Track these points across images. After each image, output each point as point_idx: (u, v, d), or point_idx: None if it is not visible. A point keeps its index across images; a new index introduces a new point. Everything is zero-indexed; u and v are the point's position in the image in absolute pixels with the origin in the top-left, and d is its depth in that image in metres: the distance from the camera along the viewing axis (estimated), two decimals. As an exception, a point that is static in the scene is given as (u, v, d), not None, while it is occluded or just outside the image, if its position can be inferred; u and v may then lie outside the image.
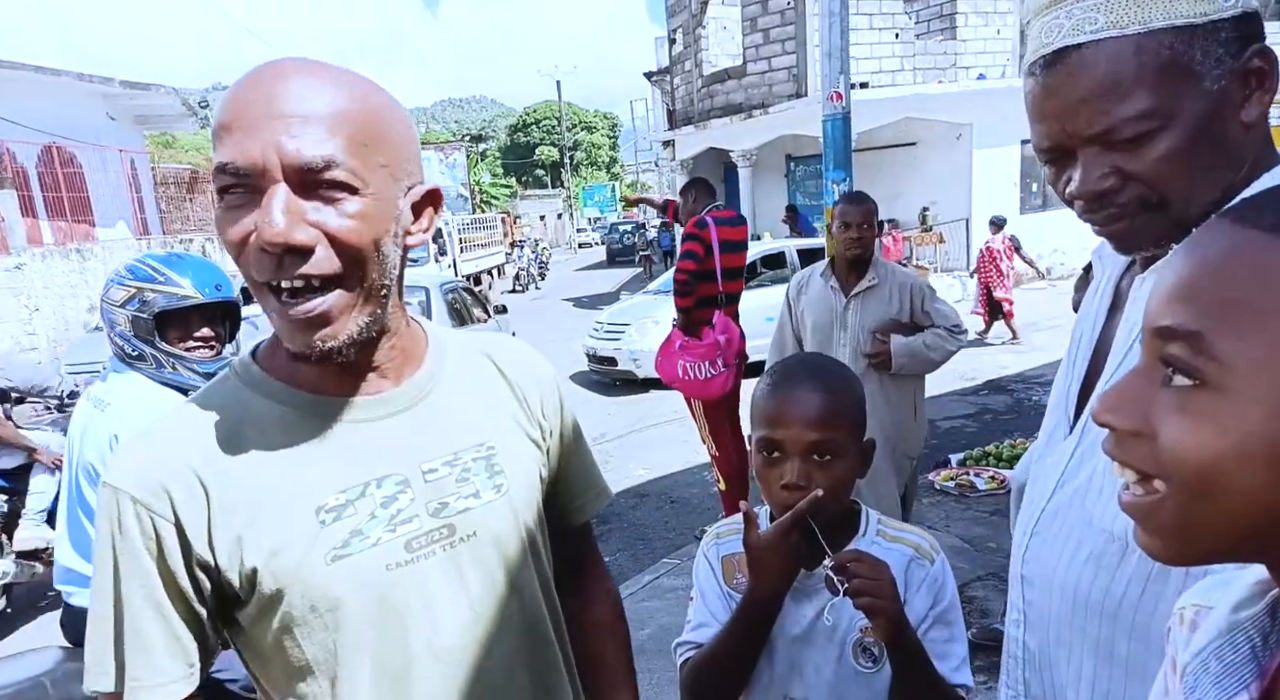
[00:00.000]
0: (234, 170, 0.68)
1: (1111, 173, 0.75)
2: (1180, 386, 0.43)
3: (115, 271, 1.93)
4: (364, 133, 0.72)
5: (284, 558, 0.74)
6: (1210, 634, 0.52)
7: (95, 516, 0.78)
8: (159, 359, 1.89)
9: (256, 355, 0.84)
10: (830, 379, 1.07)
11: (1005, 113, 12.71)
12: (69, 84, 12.26)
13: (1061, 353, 3.34)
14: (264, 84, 0.70)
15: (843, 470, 1.04)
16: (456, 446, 0.85)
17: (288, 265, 0.70)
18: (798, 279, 3.09)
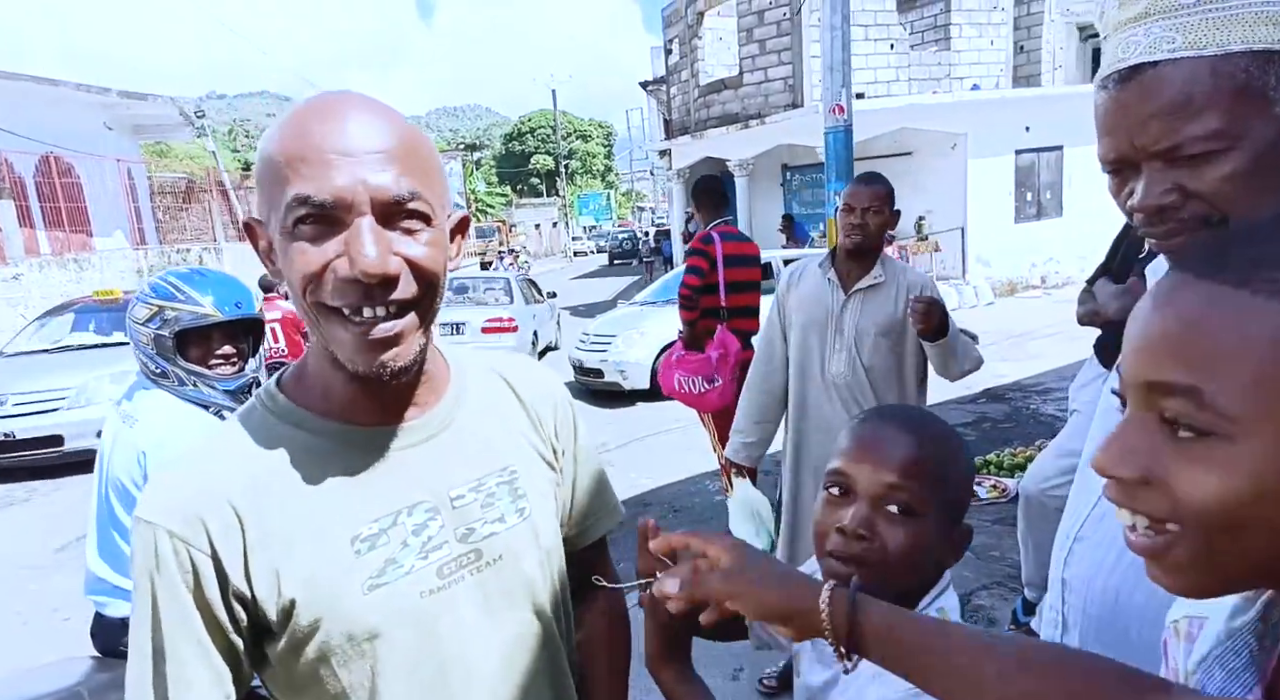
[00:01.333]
0: (318, 204, 0.70)
1: (1174, 189, 0.75)
2: (1186, 437, 0.46)
3: (140, 289, 1.95)
4: (427, 165, 0.77)
5: (321, 588, 0.75)
6: (1210, 642, 0.54)
7: (131, 550, 0.78)
8: (181, 377, 1.91)
9: (282, 385, 0.84)
10: (932, 430, 0.91)
11: (999, 123, 12.83)
12: (67, 94, 12.26)
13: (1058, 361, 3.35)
14: (335, 119, 0.72)
15: (916, 534, 0.86)
16: (481, 472, 0.87)
17: (377, 294, 0.73)
18: (790, 271, 2.70)
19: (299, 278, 0.73)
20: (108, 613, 1.89)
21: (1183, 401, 0.45)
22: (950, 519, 0.90)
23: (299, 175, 0.71)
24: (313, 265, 0.72)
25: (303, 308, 0.76)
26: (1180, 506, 0.46)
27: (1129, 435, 0.49)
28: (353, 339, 0.74)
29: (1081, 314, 2.62)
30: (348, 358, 0.76)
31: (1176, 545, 0.48)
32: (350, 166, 0.71)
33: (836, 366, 2.48)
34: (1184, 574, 0.48)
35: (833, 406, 2.50)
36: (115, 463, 1.86)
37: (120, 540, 1.87)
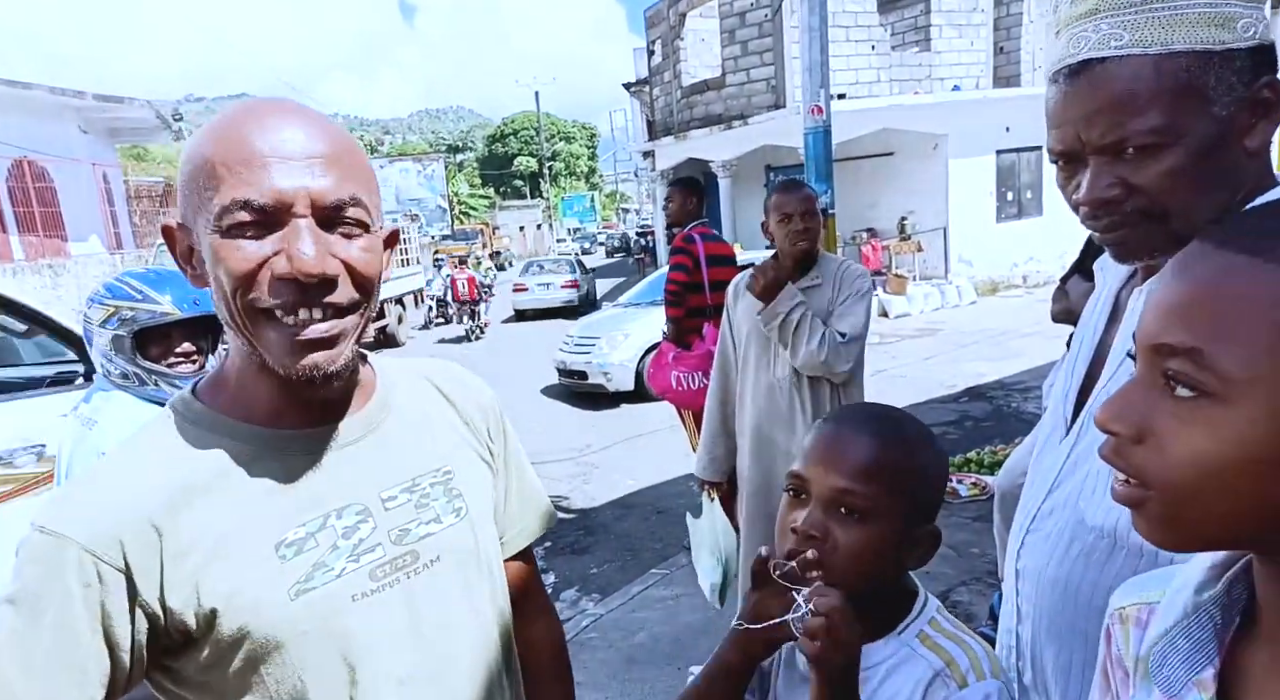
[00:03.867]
0: (257, 206, 0.70)
1: (1117, 183, 0.79)
2: (1182, 397, 0.48)
3: (95, 291, 1.91)
4: (366, 175, 0.77)
5: (245, 597, 0.73)
6: (1175, 616, 0.56)
7: (19, 563, 0.71)
8: (141, 376, 1.88)
9: (197, 393, 0.82)
10: (893, 429, 0.89)
11: (980, 123, 12.94)
12: (40, 97, 12.09)
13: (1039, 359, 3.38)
14: (273, 124, 0.72)
15: (870, 538, 0.84)
16: (414, 472, 0.85)
17: (313, 295, 0.72)
18: (736, 282, 2.70)
19: (231, 278, 0.71)
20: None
21: (1183, 361, 0.47)
22: (913, 519, 0.87)
23: (237, 178, 0.69)
24: (248, 263, 0.70)
25: (230, 311, 0.73)
26: (1167, 465, 0.48)
27: (1131, 393, 0.51)
28: (285, 341, 0.73)
29: (1055, 311, 2.64)
30: (279, 361, 0.73)
31: (1154, 501, 0.50)
32: (290, 170, 0.70)
33: (781, 369, 2.50)
34: (1162, 527, 0.51)
35: (781, 411, 2.52)
36: (76, 467, 1.82)
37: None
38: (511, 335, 14.72)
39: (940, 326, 11.15)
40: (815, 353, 2.35)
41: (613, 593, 3.77)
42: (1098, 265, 1.00)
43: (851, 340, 2.40)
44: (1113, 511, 0.80)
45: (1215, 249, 0.48)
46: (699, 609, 3.30)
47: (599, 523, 4.93)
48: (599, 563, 4.33)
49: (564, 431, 7.20)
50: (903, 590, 0.90)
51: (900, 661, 0.84)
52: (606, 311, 10.08)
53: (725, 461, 2.76)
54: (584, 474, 5.91)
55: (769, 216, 2.55)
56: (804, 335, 2.36)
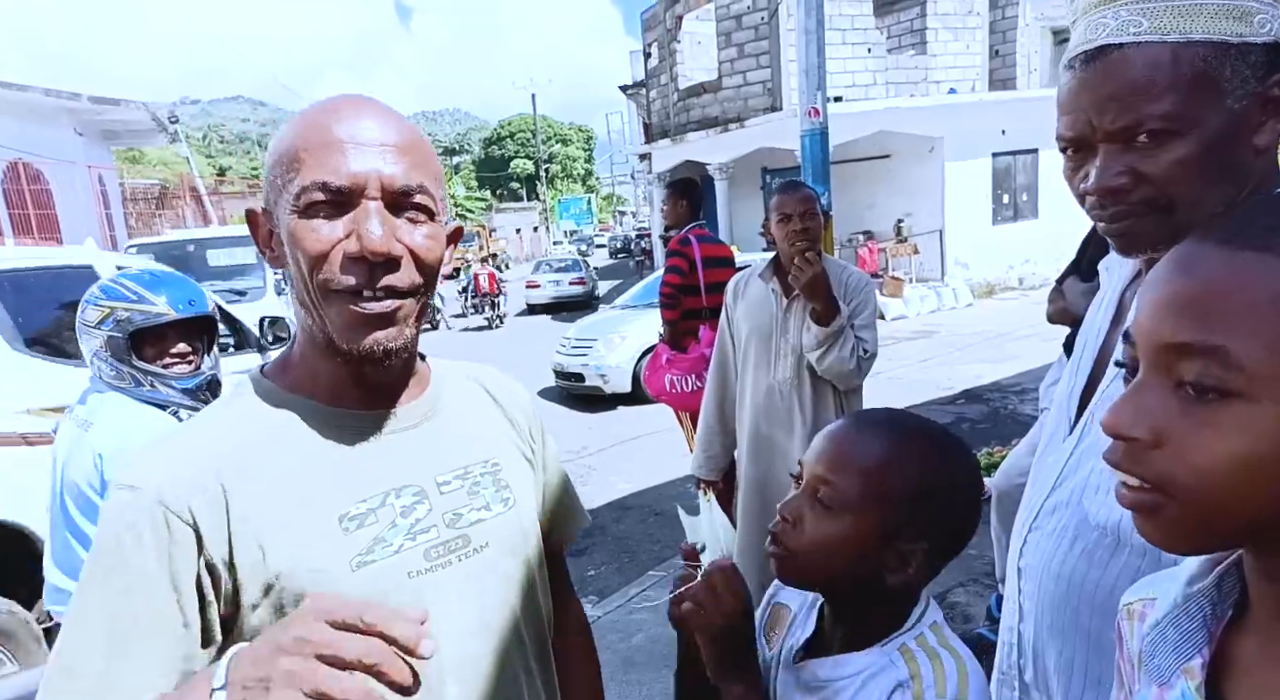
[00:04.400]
0: (333, 187, 0.74)
1: (1126, 171, 0.79)
2: (1206, 399, 0.46)
3: (89, 292, 1.90)
4: (435, 169, 0.82)
5: (307, 564, 0.75)
6: (1167, 606, 0.57)
7: (101, 516, 0.76)
8: (137, 377, 1.87)
9: (265, 373, 0.86)
10: (891, 433, 0.86)
11: (976, 126, 12.97)
12: (35, 99, 12.05)
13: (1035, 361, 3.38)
14: (352, 114, 0.77)
15: (835, 531, 0.83)
16: (465, 461, 0.89)
17: (378, 274, 0.76)
18: (735, 282, 2.71)
19: (307, 257, 0.76)
20: (64, 624, 1.85)
21: (1207, 362, 0.46)
22: (899, 530, 0.82)
23: (316, 161, 0.75)
24: (322, 244, 0.75)
25: (305, 289, 0.77)
26: (1188, 471, 0.47)
27: (1143, 397, 0.50)
28: (350, 316, 0.77)
29: (1051, 312, 2.64)
30: (343, 337, 0.78)
31: (1170, 506, 0.49)
32: (364, 155, 0.75)
33: (782, 372, 2.51)
34: (1172, 532, 0.50)
35: (780, 412, 2.52)
36: (71, 468, 1.82)
37: (79, 548, 1.82)
38: (525, 325, 16.26)
39: (936, 329, 11.17)
40: (846, 361, 2.37)
41: (611, 594, 3.77)
42: (1103, 265, 1.00)
43: (874, 355, 2.45)
44: (1116, 509, 0.80)
45: (1222, 247, 0.47)
46: (696, 611, 3.29)
47: (596, 525, 4.93)
48: (596, 565, 4.33)
49: (561, 433, 7.19)
50: (904, 602, 0.87)
51: (876, 672, 0.82)
52: (603, 314, 10.08)
53: (722, 459, 2.76)
54: (581, 476, 5.90)
55: (770, 217, 2.55)
56: (837, 345, 2.37)
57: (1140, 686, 0.60)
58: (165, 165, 24.88)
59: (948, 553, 0.85)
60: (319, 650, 0.55)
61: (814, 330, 2.36)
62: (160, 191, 16.28)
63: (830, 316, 2.35)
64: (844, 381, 2.45)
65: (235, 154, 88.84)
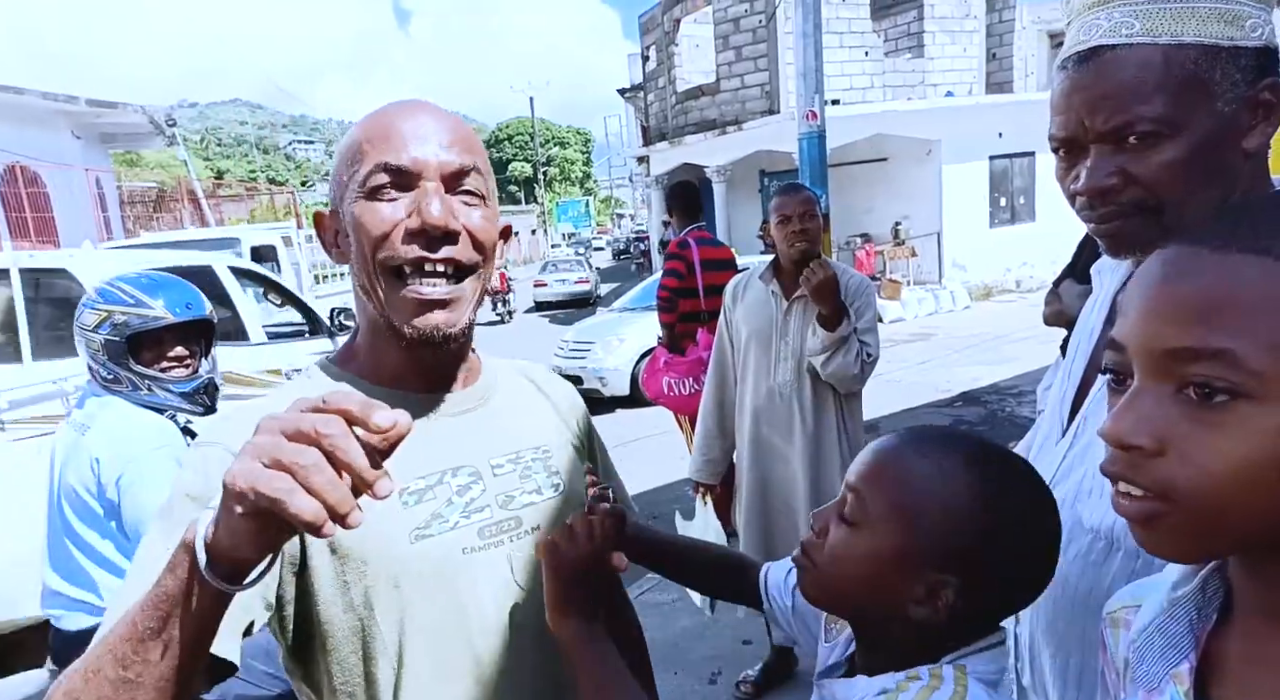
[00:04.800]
0: (394, 167, 0.80)
1: (1117, 172, 0.79)
2: (1213, 402, 0.46)
3: (86, 296, 1.90)
4: (485, 162, 0.88)
5: (369, 532, 0.75)
6: (1152, 612, 0.56)
7: (179, 473, 0.79)
8: (134, 381, 1.87)
9: (332, 359, 0.92)
10: (927, 445, 0.78)
11: (973, 129, 13.00)
12: (33, 102, 12.04)
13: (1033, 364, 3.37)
14: (412, 111, 0.84)
15: (852, 544, 0.77)
16: (517, 447, 0.93)
17: (438, 247, 0.81)
18: (734, 284, 2.69)
19: (370, 237, 0.81)
20: (63, 626, 1.84)
21: (1213, 365, 0.46)
22: (924, 559, 0.74)
23: (380, 149, 0.81)
24: (384, 224, 0.80)
25: (367, 271, 0.82)
26: (1196, 477, 0.47)
27: (1142, 404, 0.49)
28: (409, 299, 0.81)
29: (1048, 315, 2.64)
30: (404, 320, 0.82)
31: (1173, 514, 0.48)
32: (423, 142, 0.82)
33: (782, 374, 2.50)
34: (1175, 540, 0.49)
35: (780, 415, 2.52)
36: (68, 471, 1.82)
37: (76, 551, 1.82)
38: (532, 322, 17.40)
39: (934, 331, 11.18)
40: (851, 366, 2.37)
41: (608, 598, 3.76)
42: (1095, 268, 1.00)
43: (875, 359, 2.44)
44: (1109, 513, 0.80)
45: (1218, 251, 0.47)
46: (694, 613, 3.29)
47: (594, 528, 4.91)
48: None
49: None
50: (938, 644, 0.76)
51: (875, 693, 0.76)
52: (602, 316, 10.07)
53: (720, 463, 2.75)
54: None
55: (769, 219, 2.55)
56: (843, 350, 2.37)
57: (1126, 694, 0.59)
58: (163, 168, 24.85)
59: (994, 598, 0.75)
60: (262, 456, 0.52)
61: (821, 335, 2.36)
62: (158, 194, 16.26)
63: (838, 321, 2.35)
64: (846, 385, 2.44)
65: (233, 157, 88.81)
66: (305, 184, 68.23)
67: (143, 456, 1.77)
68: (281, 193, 25.03)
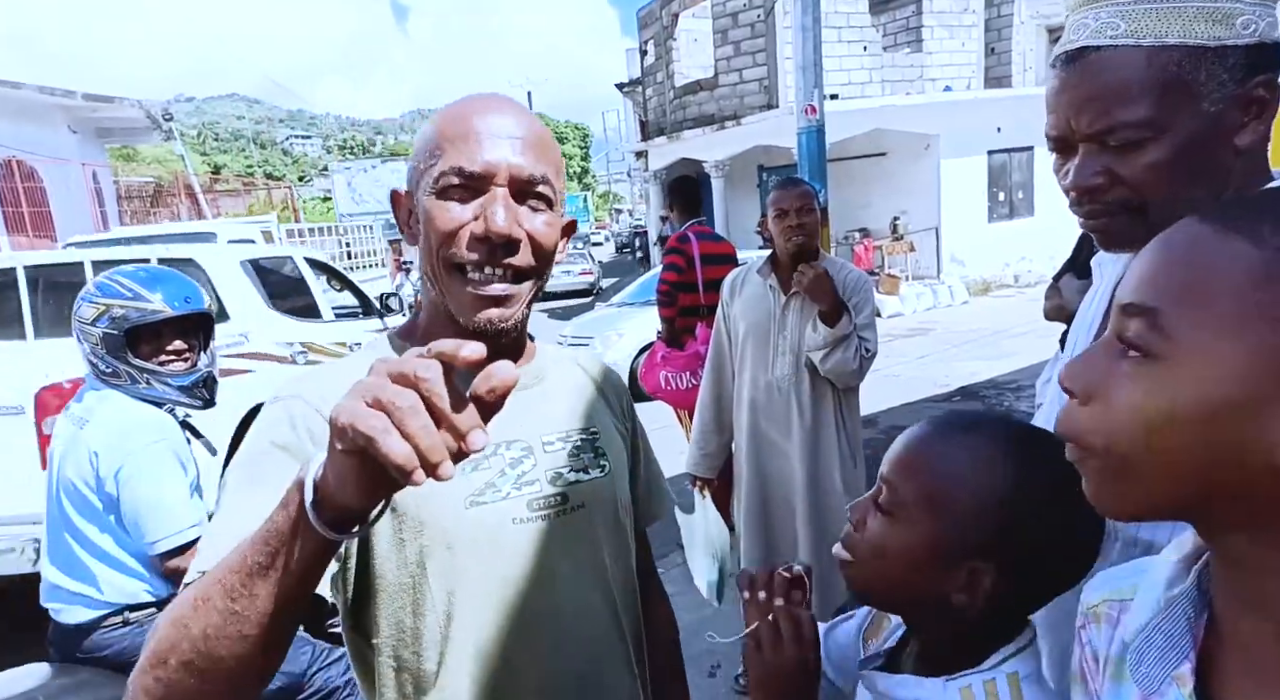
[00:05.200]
0: (468, 173, 0.83)
1: (1103, 172, 0.79)
2: (1133, 357, 0.49)
3: (85, 289, 1.90)
4: (558, 164, 0.90)
5: (429, 493, 0.79)
6: (1148, 612, 0.56)
7: (256, 426, 0.82)
8: (133, 375, 1.87)
9: (396, 335, 0.96)
10: (959, 431, 0.77)
11: (971, 124, 12.98)
12: (29, 96, 11.99)
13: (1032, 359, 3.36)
14: (491, 108, 0.86)
15: (890, 536, 0.76)
16: (567, 426, 0.96)
17: (498, 254, 0.84)
18: (732, 278, 2.68)
19: (437, 234, 0.84)
20: (63, 619, 1.85)
21: (1140, 322, 0.48)
22: (964, 545, 0.73)
23: (454, 150, 0.83)
24: (452, 223, 0.84)
25: (431, 263, 0.86)
26: (1107, 420, 0.50)
27: (1092, 354, 0.52)
28: (470, 296, 0.85)
29: (1048, 309, 2.64)
30: (460, 312, 0.86)
31: (1091, 460, 0.51)
32: (497, 146, 0.84)
33: (781, 369, 2.50)
34: (1102, 491, 0.52)
35: (779, 410, 2.51)
36: (68, 465, 1.82)
37: (75, 545, 1.82)
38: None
39: (933, 326, 11.18)
40: (850, 362, 2.37)
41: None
42: (1096, 261, 1.00)
43: (874, 354, 2.45)
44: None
45: (1196, 223, 0.49)
46: (695, 608, 3.30)
47: (593, 522, 4.92)
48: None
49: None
50: (990, 634, 0.77)
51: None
52: (600, 311, 10.05)
53: (717, 457, 2.75)
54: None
55: (767, 213, 2.55)
56: (842, 347, 2.37)
57: (1107, 694, 0.59)
58: (160, 163, 24.78)
59: (1032, 584, 0.75)
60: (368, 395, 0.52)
61: (822, 331, 2.36)
62: (155, 189, 16.21)
63: (837, 317, 2.34)
64: (845, 381, 2.44)
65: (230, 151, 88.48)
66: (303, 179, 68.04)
67: (141, 450, 1.77)
68: (279, 187, 24.98)
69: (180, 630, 0.60)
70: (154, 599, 1.82)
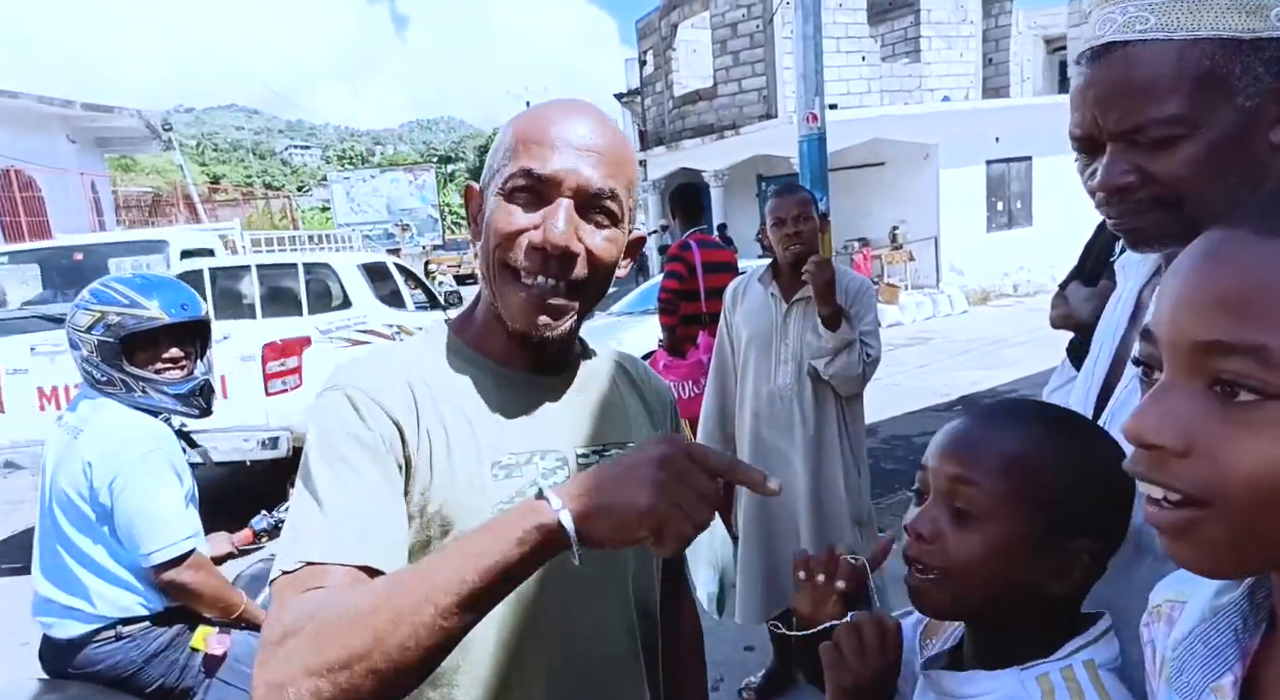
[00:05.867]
0: (536, 176, 0.82)
1: (1133, 170, 0.76)
2: (1244, 402, 0.42)
3: (80, 296, 1.87)
4: (631, 179, 0.89)
5: (461, 496, 0.82)
6: (1194, 620, 0.53)
7: (312, 420, 0.82)
8: (128, 383, 1.83)
9: (450, 325, 0.96)
10: (1027, 421, 0.75)
11: (970, 133, 13.02)
12: (28, 106, 12.01)
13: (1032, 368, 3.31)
14: (570, 116, 0.85)
15: (986, 539, 0.71)
16: (604, 439, 0.95)
17: (554, 267, 0.83)
18: (734, 287, 2.68)
19: (497, 234, 0.84)
20: (54, 634, 1.80)
21: (1245, 361, 0.42)
22: (1055, 529, 0.72)
23: (530, 151, 0.83)
24: (513, 226, 0.83)
25: (488, 263, 0.86)
26: (1225, 479, 0.43)
27: (1170, 400, 0.46)
28: (521, 300, 0.85)
29: (1055, 317, 2.60)
30: (511, 315, 0.86)
31: (1209, 522, 0.44)
32: (569, 155, 0.83)
33: (783, 377, 2.47)
34: (1210, 552, 0.46)
35: (782, 419, 2.49)
36: (61, 476, 1.78)
37: (68, 558, 1.78)
38: None
39: (932, 335, 11.17)
40: (854, 367, 2.34)
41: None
42: (1119, 264, 0.97)
43: (877, 360, 2.42)
44: (1137, 514, 0.76)
45: (1259, 236, 0.43)
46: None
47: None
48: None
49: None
50: (1061, 621, 0.74)
51: (1005, 698, 0.72)
52: (600, 320, 10.04)
53: None
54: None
55: (767, 220, 2.53)
56: (845, 352, 2.34)
57: (1160, 697, 0.57)
58: (159, 173, 24.80)
59: (1114, 546, 0.74)
60: (683, 476, 0.64)
61: (826, 336, 2.33)
62: (153, 199, 16.21)
63: (838, 322, 2.32)
64: (849, 387, 2.42)
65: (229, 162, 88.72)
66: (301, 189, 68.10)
67: (136, 460, 1.73)
68: (278, 197, 25.01)
69: (371, 640, 0.62)
70: (148, 612, 1.78)
